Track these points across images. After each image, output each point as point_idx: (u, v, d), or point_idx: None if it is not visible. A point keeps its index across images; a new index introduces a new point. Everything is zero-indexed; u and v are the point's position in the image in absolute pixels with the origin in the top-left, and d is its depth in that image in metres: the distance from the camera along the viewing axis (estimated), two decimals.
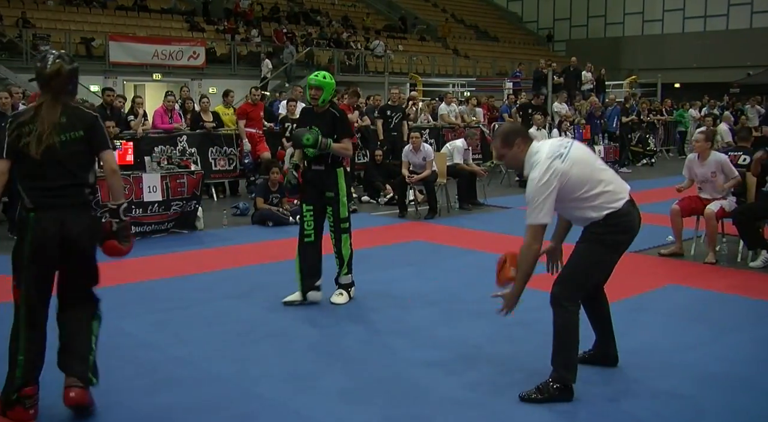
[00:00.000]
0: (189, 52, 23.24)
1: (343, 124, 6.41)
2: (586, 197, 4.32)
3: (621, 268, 6.91)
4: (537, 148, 4.37)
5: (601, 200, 4.33)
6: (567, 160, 4.25)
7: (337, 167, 6.42)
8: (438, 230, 10.13)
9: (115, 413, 4.20)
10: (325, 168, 6.36)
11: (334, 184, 6.37)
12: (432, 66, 30.08)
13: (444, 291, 6.88)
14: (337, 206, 6.38)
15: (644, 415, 4.23)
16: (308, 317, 6.07)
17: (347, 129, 6.51)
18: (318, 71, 6.52)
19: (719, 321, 6.05)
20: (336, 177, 6.39)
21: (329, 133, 6.26)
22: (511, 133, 4.49)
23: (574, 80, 22.41)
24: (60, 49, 20.16)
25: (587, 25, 42.28)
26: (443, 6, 40.47)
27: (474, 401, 4.42)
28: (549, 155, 4.27)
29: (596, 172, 4.37)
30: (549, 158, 4.26)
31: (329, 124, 6.30)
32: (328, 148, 6.20)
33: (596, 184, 4.33)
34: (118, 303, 6.28)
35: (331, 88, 6.36)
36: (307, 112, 6.60)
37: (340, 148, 6.31)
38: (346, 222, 6.44)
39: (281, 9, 30.74)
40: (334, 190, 6.37)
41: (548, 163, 4.24)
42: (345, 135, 6.37)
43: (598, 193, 4.33)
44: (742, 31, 35.48)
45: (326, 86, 6.30)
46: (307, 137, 6.13)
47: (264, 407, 4.32)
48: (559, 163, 4.24)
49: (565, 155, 4.27)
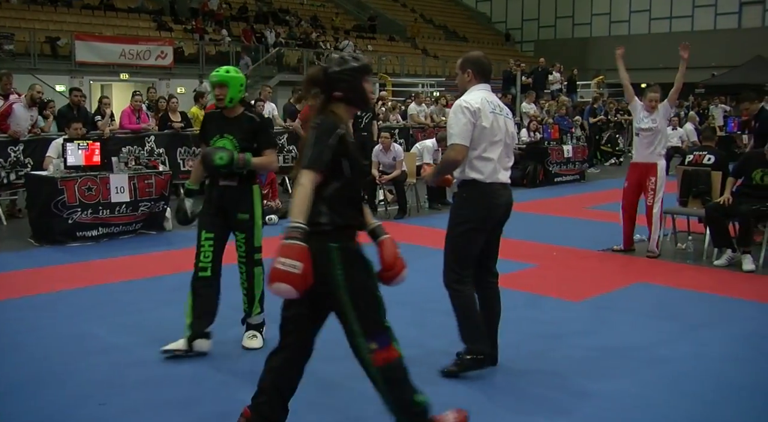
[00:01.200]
0: (157, 52, 23.02)
1: (264, 132, 5.27)
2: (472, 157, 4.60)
3: (588, 267, 7.02)
4: (480, 88, 4.70)
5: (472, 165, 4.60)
6: (483, 118, 4.55)
7: (252, 183, 5.27)
8: (408, 230, 10.14)
9: (84, 414, 4.15)
10: (238, 184, 5.17)
11: (249, 205, 5.23)
12: (401, 66, 30.13)
13: (414, 291, 6.86)
14: (251, 232, 5.24)
15: (613, 414, 4.27)
16: (276, 318, 6.03)
17: (270, 138, 5.39)
18: (223, 67, 5.35)
19: (688, 319, 6.13)
20: (251, 195, 5.25)
21: (246, 142, 5.11)
22: (470, 63, 4.80)
23: (542, 80, 22.58)
24: (24, 49, 19.81)
25: (555, 26, 42.60)
26: (412, 6, 40.54)
27: (447, 400, 4.42)
28: (480, 104, 4.56)
29: (494, 145, 4.59)
30: (470, 103, 4.56)
31: (246, 131, 5.14)
32: (248, 164, 5.06)
33: (482, 152, 4.58)
34: (85, 305, 6.21)
35: (239, 84, 5.15)
36: (216, 117, 5.31)
37: (262, 164, 5.18)
38: (260, 253, 5.30)
39: (249, 9, 30.60)
40: (249, 212, 5.22)
41: (473, 106, 4.54)
42: (268, 145, 5.23)
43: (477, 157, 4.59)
44: (707, 33, 35.98)
45: (232, 82, 5.10)
46: (220, 156, 4.94)
47: (239, 406, 4.29)
48: (473, 117, 4.54)
49: (486, 117, 4.57)
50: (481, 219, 4.53)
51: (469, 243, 4.64)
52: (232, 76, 5.13)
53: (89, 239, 8.98)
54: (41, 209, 8.88)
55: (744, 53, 29.94)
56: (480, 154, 4.57)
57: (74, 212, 8.84)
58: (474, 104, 4.54)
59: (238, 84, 5.14)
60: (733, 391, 4.59)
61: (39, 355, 5.08)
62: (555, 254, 8.48)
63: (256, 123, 5.20)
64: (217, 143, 5.10)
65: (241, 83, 5.17)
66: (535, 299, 6.65)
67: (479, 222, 4.55)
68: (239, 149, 5.05)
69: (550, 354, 5.22)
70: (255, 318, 5.45)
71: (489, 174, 4.58)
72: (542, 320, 6.03)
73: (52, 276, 7.37)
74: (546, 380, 4.70)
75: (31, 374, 4.71)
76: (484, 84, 4.75)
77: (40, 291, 6.75)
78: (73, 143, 9.13)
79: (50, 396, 4.25)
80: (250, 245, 5.28)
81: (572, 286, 7.07)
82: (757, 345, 5.48)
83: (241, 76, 5.19)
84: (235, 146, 5.06)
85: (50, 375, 4.69)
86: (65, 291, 6.71)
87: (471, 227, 4.61)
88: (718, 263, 7.90)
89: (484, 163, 4.57)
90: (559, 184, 15.08)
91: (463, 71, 4.79)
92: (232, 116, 5.19)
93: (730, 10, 35.85)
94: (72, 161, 9.02)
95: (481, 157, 4.57)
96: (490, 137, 4.58)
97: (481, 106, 4.56)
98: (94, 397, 4.39)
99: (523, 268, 7.75)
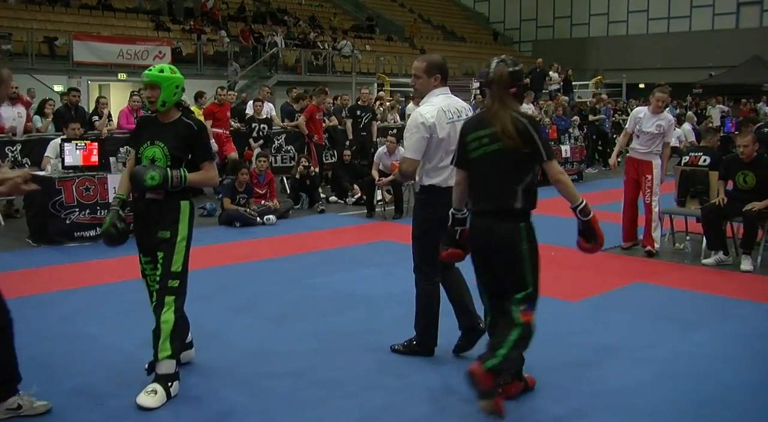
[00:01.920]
0: (155, 52, 23.00)
1: (201, 143, 4.60)
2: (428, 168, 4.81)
3: (586, 267, 7.02)
4: (438, 93, 4.81)
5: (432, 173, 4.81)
6: (439, 131, 4.69)
7: (182, 199, 4.54)
8: (405, 230, 10.02)
9: (80, 415, 4.14)
10: (164, 197, 4.48)
11: (173, 222, 4.48)
12: (399, 66, 30.12)
13: (411, 291, 6.88)
14: (170, 252, 4.44)
15: (611, 412, 4.27)
16: (273, 319, 6.04)
17: (208, 149, 4.72)
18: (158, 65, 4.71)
19: (684, 318, 6.13)
20: (177, 212, 4.51)
21: (179, 151, 4.48)
22: (438, 68, 4.86)
23: (540, 81, 22.60)
24: (22, 49, 19.79)
25: (553, 26, 42.63)
26: (410, 6, 40.54)
27: (441, 400, 4.43)
28: (435, 118, 4.69)
29: (450, 154, 4.60)
30: (426, 118, 4.69)
31: (180, 139, 4.50)
32: (183, 183, 4.46)
33: (439, 162, 4.76)
34: (82, 305, 6.21)
35: (173, 85, 4.51)
36: (149, 121, 4.69)
37: (201, 180, 4.65)
38: (176, 279, 4.46)
39: (247, 9, 30.59)
40: (171, 230, 4.47)
41: (429, 121, 4.68)
42: (205, 157, 4.60)
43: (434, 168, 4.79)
44: (704, 33, 36.06)
45: (164, 83, 4.48)
46: (151, 175, 4.33)
47: (233, 407, 4.29)
48: (428, 132, 4.69)
49: (443, 129, 4.71)
50: (442, 220, 4.61)
51: (432, 243, 4.75)
52: (165, 76, 4.52)
53: (87, 239, 8.98)
54: (39, 209, 8.87)
55: (742, 53, 29.96)
56: (436, 164, 4.78)
57: (72, 212, 8.84)
58: (430, 119, 4.70)
59: (173, 85, 4.51)
60: (729, 390, 4.60)
61: (35, 355, 5.08)
62: (553, 254, 8.46)
63: (194, 132, 4.54)
64: (146, 151, 4.49)
65: (176, 84, 4.53)
66: None
67: (440, 223, 4.63)
68: (170, 158, 4.45)
69: (547, 353, 5.21)
70: (162, 366, 4.38)
71: (444, 180, 4.77)
72: (540, 320, 5.99)
73: (50, 276, 7.37)
74: (542, 380, 4.69)
75: (27, 374, 4.70)
76: (445, 87, 4.90)
77: (38, 291, 6.74)
78: (71, 143, 9.13)
79: (47, 397, 4.24)
80: (167, 268, 4.44)
81: (570, 286, 7.07)
82: (753, 345, 5.49)
83: (176, 77, 4.55)
84: (165, 155, 4.46)
85: (47, 376, 4.68)
86: (62, 291, 6.70)
87: (433, 227, 4.77)
88: (707, 262, 7.93)
89: (439, 172, 4.79)
90: None
91: (430, 75, 4.84)
92: (167, 122, 4.57)
93: (727, 11, 35.91)
94: (70, 161, 9.02)
95: (436, 167, 4.79)
96: (446, 147, 4.71)
97: (437, 120, 4.71)
98: (91, 398, 4.38)
99: None
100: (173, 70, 4.57)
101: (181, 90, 4.58)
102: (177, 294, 4.46)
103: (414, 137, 4.72)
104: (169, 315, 4.39)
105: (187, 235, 4.52)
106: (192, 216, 4.58)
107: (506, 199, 4.10)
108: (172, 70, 4.57)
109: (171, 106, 4.54)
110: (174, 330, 4.37)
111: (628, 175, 8.65)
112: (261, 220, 10.20)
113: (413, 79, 4.93)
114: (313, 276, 7.33)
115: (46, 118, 11.76)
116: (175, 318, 4.40)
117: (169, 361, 4.36)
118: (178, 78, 4.57)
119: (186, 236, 4.51)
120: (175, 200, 4.51)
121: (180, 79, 4.58)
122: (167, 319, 4.38)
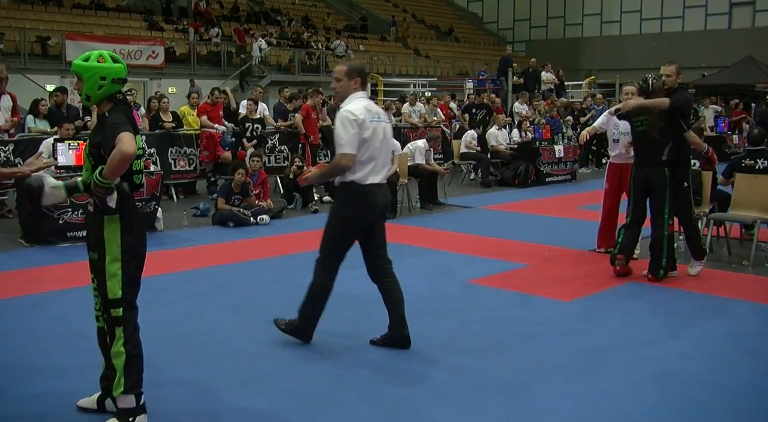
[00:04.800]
0: (148, 52, 23.01)
1: (107, 126, 3.76)
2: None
3: (579, 267, 7.04)
4: (359, 96, 5.11)
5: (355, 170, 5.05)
6: (365, 130, 4.97)
7: (108, 212, 3.75)
8: (399, 230, 10.14)
9: (75, 414, 4.14)
10: (93, 209, 3.82)
11: (98, 242, 3.82)
12: (393, 66, 30.14)
13: (404, 290, 6.88)
14: (101, 278, 3.84)
15: (605, 412, 4.28)
16: (265, 320, 6.03)
17: (114, 128, 3.70)
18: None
19: (677, 318, 6.15)
20: (101, 229, 3.80)
21: (96, 149, 3.82)
22: (358, 72, 5.15)
23: (533, 81, 22.62)
24: (15, 48, 19.77)
25: (546, 26, 42.70)
26: (403, 6, 40.56)
27: (438, 398, 4.43)
28: (364, 115, 4.98)
29: (371, 152, 5.02)
30: (357, 115, 4.96)
31: (99, 135, 3.82)
32: (78, 189, 3.80)
33: (361, 157, 5.01)
34: (75, 306, 6.19)
35: (97, 76, 3.77)
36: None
37: (115, 163, 3.62)
38: (118, 308, 3.84)
39: (241, 8, 30.58)
40: (99, 250, 3.82)
41: (359, 118, 4.96)
42: (113, 137, 3.66)
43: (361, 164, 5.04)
44: (697, 33, 36.17)
45: (85, 73, 3.79)
46: (59, 187, 3.76)
47: (226, 408, 4.29)
48: (360, 129, 4.96)
49: (368, 128, 5.00)
50: (358, 217, 5.07)
51: (343, 237, 5.18)
52: (86, 65, 3.79)
53: (80, 239, 8.93)
54: (31, 209, 8.84)
55: (734, 54, 30.04)
56: (359, 160, 5.01)
57: (65, 212, 8.82)
58: (360, 116, 4.98)
59: (96, 76, 3.77)
60: (722, 390, 4.61)
61: (29, 356, 5.07)
62: (546, 254, 8.50)
63: (105, 120, 3.81)
64: (84, 153, 3.95)
65: (101, 75, 3.77)
66: (526, 299, 6.66)
67: (355, 220, 5.10)
68: (92, 159, 3.81)
69: (541, 353, 5.23)
70: (120, 400, 3.88)
71: (364, 176, 5.05)
72: (533, 320, 6.05)
73: (43, 276, 7.35)
74: (536, 380, 4.71)
75: (20, 374, 4.70)
76: (364, 91, 5.21)
77: (31, 291, 6.72)
78: (64, 143, 9.11)
79: (40, 397, 4.24)
80: (103, 296, 3.86)
81: (563, 286, 7.08)
82: (747, 345, 5.50)
83: (101, 67, 3.78)
84: (87, 155, 3.85)
85: (40, 376, 4.67)
86: (55, 291, 6.68)
87: (347, 224, 5.16)
88: (692, 272, 7.50)
89: (361, 168, 5.04)
90: (551, 184, 15.10)
91: (351, 78, 5.12)
92: (98, 117, 3.94)
93: (720, 11, 36.04)
94: (63, 161, 9.00)
95: (360, 162, 5.02)
96: (369, 145, 5.02)
97: (365, 117, 5.00)
98: (85, 397, 4.37)
99: (515, 268, 7.77)
100: (104, 58, 3.82)
101: (110, 81, 3.80)
102: (124, 324, 3.86)
103: (349, 133, 4.95)
104: (119, 348, 3.86)
105: (121, 254, 3.81)
106: (126, 229, 3.82)
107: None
108: (102, 57, 3.82)
109: (97, 101, 3.85)
110: (127, 363, 3.85)
111: (611, 184, 8.31)
112: (254, 220, 10.18)
113: (334, 81, 5.18)
114: (307, 276, 7.31)
115: (40, 119, 11.72)
116: (126, 350, 3.85)
117: (125, 396, 3.85)
118: (106, 67, 3.79)
119: (118, 256, 3.80)
120: (99, 215, 3.78)
121: (109, 69, 3.80)
122: (118, 352, 3.85)
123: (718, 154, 9.31)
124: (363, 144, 4.98)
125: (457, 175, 15.73)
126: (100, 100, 3.85)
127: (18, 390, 4.45)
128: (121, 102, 3.92)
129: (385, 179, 5.24)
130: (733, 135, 20.88)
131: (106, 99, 3.86)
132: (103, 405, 4.10)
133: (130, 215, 3.88)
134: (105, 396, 4.07)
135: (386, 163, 5.23)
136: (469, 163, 15.78)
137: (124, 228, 3.83)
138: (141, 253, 3.96)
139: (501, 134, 15.90)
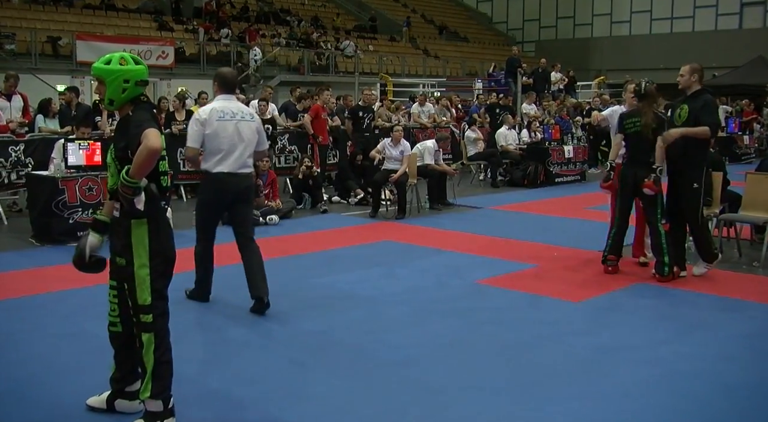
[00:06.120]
0: (158, 52, 23.06)
1: (131, 125, 3.73)
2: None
3: (588, 267, 7.02)
4: (219, 99, 6.13)
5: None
6: (208, 126, 5.96)
7: (136, 215, 3.74)
8: (408, 230, 10.14)
9: (83, 413, 4.15)
10: (120, 215, 3.81)
11: (125, 247, 3.81)
12: (402, 66, 30.13)
13: (413, 290, 6.89)
14: (131, 284, 3.82)
15: (612, 413, 4.27)
16: (274, 319, 6.05)
17: (138, 126, 3.68)
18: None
19: (686, 319, 6.13)
20: (128, 233, 3.79)
21: (122, 152, 3.77)
22: (219, 79, 6.18)
23: (542, 81, 22.59)
24: (26, 49, 19.82)
25: (556, 26, 42.61)
26: (413, 6, 40.55)
27: (447, 399, 4.43)
28: (208, 115, 5.99)
29: (218, 144, 5.98)
30: (200, 115, 6.04)
31: (124, 137, 3.78)
32: (131, 183, 3.62)
33: (213, 151, 6.00)
34: (85, 305, 6.22)
35: (120, 79, 3.74)
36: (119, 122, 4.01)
37: (140, 163, 3.60)
38: (148, 314, 3.84)
39: (251, 9, 30.62)
40: (126, 255, 3.82)
41: (202, 117, 6.00)
42: (137, 135, 3.65)
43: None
44: (708, 33, 36.01)
45: (107, 76, 3.75)
46: (99, 239, 3.95)
47: (223, 409, 4.30)
48: (202, 126, 5.99)
49: (211, 125, 5.97)
50: (212, 200, 6.18)
51: (203, 216, 6.31)
52: (109, 69, 3.75)
53: None
54: (42, 209, 8.89)
55: (745, 54, 29.91)
56: (207, 152, 6.01)
57: (75, 212, 8.85)
58: (203, 115, 6.02)
59: (120, 79, 3.73)
60: (731, 391, 4.60)
61: (39, 354, 5.09)
62: (556, 254, 8.48)
63: (129, 119, 3.77)
64: (108, 158, 3.92)
65: (124, 78, 3.74)
66: (535, 299, 6.66)
67: (208, 203, 6.23)
68: (118, 162, 3.78)
69: (550, 354, 5.22)
70: (149, 403, 3.89)
71: (212, 165, 6.00)
72: (542, 320, 6.04)
73: (53, 276, 7.37)
74: (545, 380, 4.70)
75: (30, 373, 4.73)
76: (227, 94, 6.17)
77: (41, 290, 6.75)
78: (74, 143, 9.14)
79: (50, 396, 4.26)
80: (134, 301, 3.84)
81: (572, 287, 7.07)
82: (755, 346, 5.49)
83: (124, 69, 3.75)
84: (113, 160, 3.82)
85: (50, 375, 4.70)
86: (65, 290, 6.71)
87: (204, 206, 6.28)
88: (697, 272, 7.49)
89: (209, 158, 6.01)
90: (560, 184, 15.08)
91: (215, 84, 6.21)
92: (120, 119, 3.91)
93: (731, 11, 35.86)
94: (73, 161, 9.03)
95: (208, 153, 6.01)
96: (214, 138, 5.96)
97: (209, 116, 5.98)
98: (94, 396, 4.39)
99: (524, 269, 7.76)
100: (126, 61, 3.79)
101: (134, 84, 3.77)
102: (155, 330, 3.85)
103: (192, 129, 6.03)
104: (149, 355, 3.84)
105: (149, 259, 3.79)
106: (154, 233, 3.81)
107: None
108: (124, 59, 3.80)
109: (121, 104, 3.81)
110: (156, 369, 3.83)
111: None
112: (264, 220, 10.20)
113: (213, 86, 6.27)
114: (316, 276, 7.34)
115: (51, 119, 11.78)
116: (156, 357, 3.84)
117: (151, 401, 3.85)
118: (129, 70, 3.77)
119: (146, 261, 3.79)
120: (127, 219, 3.75)
121: (133, 71, 3.78)
122: (148, 359, 3.84)
123: (728, 155, 9.26)
124: (207, 137, 5.95)
125: (466, 176, 15.72)
126: (124, 103, 3.81)
127: (27, 388, 4.48)
128: (144, 102, 3.86)
129: (243, 169, 6.06)
130: (743, 135, 20.78)
131: (129, 101, 3.81)
132: (112, 404, 4.12)
133: (157, 218, 3.84)
134: (114, 395, 4.11)
135: (241, 155, 6.04)
136: (479, 164, 15.77)
137: (151, 232, 3.80)
138: (170, 257, 3.94)
139: (510, 134, 15.88)
